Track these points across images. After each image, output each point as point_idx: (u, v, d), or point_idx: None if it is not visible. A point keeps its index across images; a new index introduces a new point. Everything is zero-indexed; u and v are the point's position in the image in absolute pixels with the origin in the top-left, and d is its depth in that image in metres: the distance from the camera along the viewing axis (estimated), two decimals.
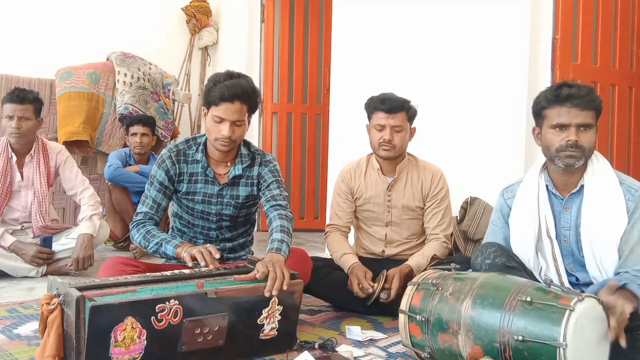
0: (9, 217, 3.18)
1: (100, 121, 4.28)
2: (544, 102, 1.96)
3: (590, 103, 1.90)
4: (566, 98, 1.90)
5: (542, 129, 1.99)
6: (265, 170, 2.33)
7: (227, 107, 2.14)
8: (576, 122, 1.89)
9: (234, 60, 4.92)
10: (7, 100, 3.04)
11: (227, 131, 2.16)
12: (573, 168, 1.93)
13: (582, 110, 1.89)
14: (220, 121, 2.16)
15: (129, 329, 1.65)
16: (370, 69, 3.80)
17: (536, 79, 3.03)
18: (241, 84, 2.17)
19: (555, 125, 1.92)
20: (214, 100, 2.16)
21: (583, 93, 1.89)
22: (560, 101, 1.91)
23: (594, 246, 1.92)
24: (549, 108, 1.95)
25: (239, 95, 2.15)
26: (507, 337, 1.59)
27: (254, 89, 2.22)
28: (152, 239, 2.18)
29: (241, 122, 2.20)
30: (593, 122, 1.92)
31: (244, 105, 2.18)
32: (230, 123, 2.16)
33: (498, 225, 2.17)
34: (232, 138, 2.18)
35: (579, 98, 1.88)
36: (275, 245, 2.06)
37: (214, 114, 2.17)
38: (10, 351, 1.96)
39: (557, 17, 2.99)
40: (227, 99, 2.13)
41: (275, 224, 2.16)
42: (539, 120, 2.01)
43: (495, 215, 2.19)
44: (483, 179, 3.18)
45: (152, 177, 2.28)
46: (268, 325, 1.92)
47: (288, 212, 2.23)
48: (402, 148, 2.58)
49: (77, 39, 4.63)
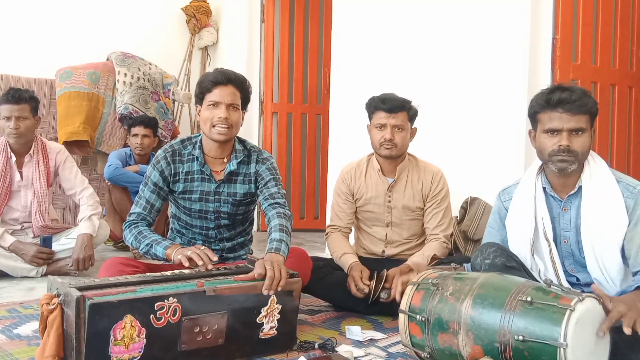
0: (8, 217, 3.18)
1: (100, 121, 4.28)
2: (537, 107, 1.96)
3: (582, 108, 1.89)
4: (557, 103, 1.89)
5: (536, 132, 1.99)
6: (263, 168, 2.33)
7: (221, 90, 2.19)
8: (568, 127, 1.89)
9: (234, 60, 4.92)
10: (3, 101, 3.03)
11: (223, 112, 2.18)
12: (566, 172, 1.94)
13: (573, 115, 1.88)
14: (216, 105, 2.19)
15: (128, 328, 1.65)
16: (370, 69, 3.80)
17: (536, 79, 3.03)
18: (233, 71, 2.25)
19: (548, 130, 1.92)
20: (207, 87, 2.20)
21: (574, 98, 1.88)
22: (551, 106, 1.91)
23: (595, 246, 1.92)
24: (541, 112, 1.95)
25: (232, 80, 2.22)
26: (508, 337, 1.59)
27: (246, 79, 2.29)
28: (144, 240, 2.17)
29: (236, 106, 2.23)
30: (586, 125, 1.91)
31: (237, 92, 2.23)
32: (226, 106, 2.19)
33: (495, 228, 2.17)
34: (229, 121, 2.19)
35: (570, 103, 1.88)
36: (274, 245, 2.06)
37: (208, 100, 2.21)
38: (10, 351, 1.96)
39: (557, 17, 2.99)
40: (221, 82, 2.19)
41: (274, 222, 2.16)
42: (534, 123, 2.01)
43: (492, 218, 2.20)
44: (483, 179, 3.18)
45: (146, 177, 2.28)
46: (267, 324, 1.92)
47: (287, 210, 2.24)
48: (403, 147, 2.58)
49: (77, 39, 4.63)
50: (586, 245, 1.94)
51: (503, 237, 2.13)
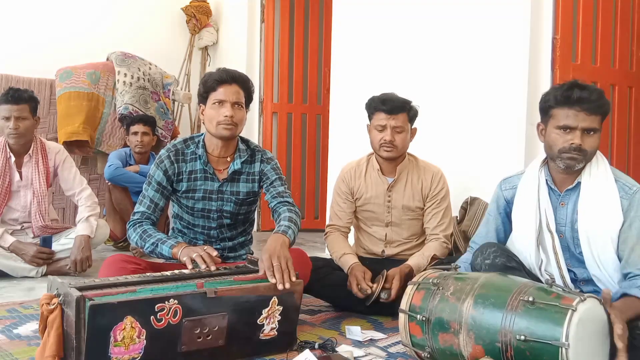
0: (8, 217, 3.18)
1: (100, 121, 4.28)
2: (553, 102, 1.94)
3: (600, 108, 1.88)
4: (577, 101, 1.88)
5: (547, 126, 1.98)
6: (268, 167, 2.35)
7: (226, 89, 2.21)
8: (582, 126, 1.88)
9: (234, 60, 4.92)
10: (3, 101, 3.02)
11: (229, 111, 2.19)
12: (572, 169, 1.94)
13: (589, 114, 1.88)
14: (221, 103, 2.21)
15: (128, 329, 1.65)
16: (370, 69, 3.80)
17: (536, 79, 3.02)
18: (236, 71, 2.28)
19: (561, 127, 1.91)
20: (212, 87, 2.22)
21: (594, 97, 1.87)
22: (570, 103, 1.89)
23: (591, 243, 1.93)
24: (557, 108, 1.93)
25: (236, 79, 2.24)
26: (509, 337, 1.59)
27: (248, 78, 2.32)
28: (149, 239, 2.18)
29: (241, 105, 2.25)
30: (598, 126, 1.91)
31: (242, 90, 2.25)
32: (231, 104, 2.21)
33: (492, 215, 2.18)
34: (234, 119, 2.21)
35: (589, 102, 1.87)
36: (282, 229, 2.10)
37: (213, 98, 2.22)
38: (10, 351, 1.96)
39: (557, 17, 2.99)
40: (226, 81, 2.21)
41: (285, 214, 2.21)
42: (545, 117, 1.99)
43: (491, 206, 2.21)
44: (483, 179, 3.18)
45: (150, 177, 2.28)
46: (268, 325, 1.92)
47: (296, 208, 2.29)
48: (403, 148, 2.57)
49: (77, 39, 4.63)
50: (583, 241, 1.94)
51: (498, 224, 2.15)
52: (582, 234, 1.94)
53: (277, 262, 1.92)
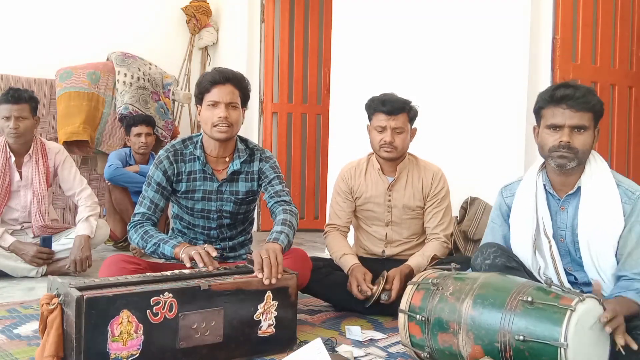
0: (8, 217, 3.18)
1: (100, 121, 4.28)
2: (541, 102, 1.97)
3: (585, 105, 1.88)
4: (560, 99, 1.89)
5: (539, 128, 2.00)
6: (267, 166, 2.35)
7: (219, 90, 2.20)
8: (570, 123, 1.89)
9: (234, 60, 4.92)
10: (3, 101, 3.02)
11: (223, 112, 2.19)
12: (565, 169, 1.93)
13: (576, 111, 1.88)
14: (215, 105, 2.20)
15: (125, 323, 1.66)
16: (370, 69, 3.80)
17: (536, 79, 3.03)
18: (231, 70, 2.26)
19: (550, 126, 1.93)
20: (206, 87, 2.22)
21: (578, 94, 1.88)
22: (555, 102, 1.91)
23: (591, 248, 1.92)
24: (545, 108, 1.95)
25: (230, 78, 2.22)
26: (508, 337, 1.59)
27: (244, 77, 2.30)
28: (150, 240, 2.17)
29: (235, 105, 2.24)
30: (588, 124, 1.90)
31: (236, 90, 2.24)
32: (225, 105, 2.20)
33: (497, 224, 2.17)
34: (229, 120, 2.20)
35: (573, 99, 1.88)
36: (273, 236, 2.11)
37: (208, 100, 2.22)
38: (10, 351, 1.96)
39: (557, 17, 2.99)
40: (219, 82, 2.20)
41: (279, 217, 2.21)
42: (538, 119, 2.01)
43: (494, 214, 2.20)
44: (483, 179, 3.18)
45: (149, 177, 2.28)
46: (265, 321, 1.93)
47: (293, 207, 2.28)
48: (403, 149, 2.57)
49: (77, 39, 4.62)
50: (582, 245, 1.94)
51: (505, 232, 2.13)
52: (582, 239, 1.94)
53: (267, 255, 1.93)
